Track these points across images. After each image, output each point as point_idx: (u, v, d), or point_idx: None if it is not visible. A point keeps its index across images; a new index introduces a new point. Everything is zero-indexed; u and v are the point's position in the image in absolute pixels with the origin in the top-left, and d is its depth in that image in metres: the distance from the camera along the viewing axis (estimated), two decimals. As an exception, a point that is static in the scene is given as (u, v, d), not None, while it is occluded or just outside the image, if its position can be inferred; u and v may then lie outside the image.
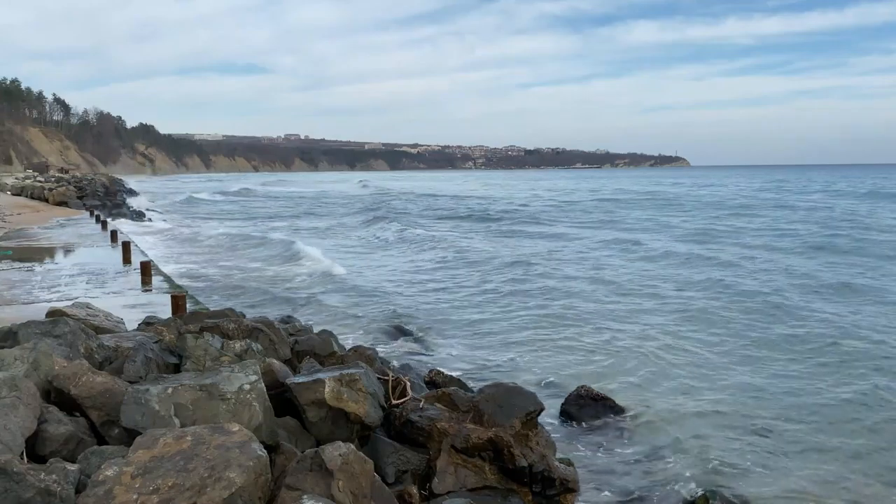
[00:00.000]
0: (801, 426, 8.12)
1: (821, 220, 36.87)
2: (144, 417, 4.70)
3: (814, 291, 16.45)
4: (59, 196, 46.94)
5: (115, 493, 3.78)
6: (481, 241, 29.87)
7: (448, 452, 5.75)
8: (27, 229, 26.78)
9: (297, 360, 7.28)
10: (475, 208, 53.11)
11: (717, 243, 27.48)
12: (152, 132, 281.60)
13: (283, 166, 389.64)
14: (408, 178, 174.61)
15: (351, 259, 23.84)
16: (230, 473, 3.92)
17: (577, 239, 30.44)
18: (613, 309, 14.79)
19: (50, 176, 78.93)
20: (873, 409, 8.60)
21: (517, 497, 5.70)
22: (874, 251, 23.80)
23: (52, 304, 10.08)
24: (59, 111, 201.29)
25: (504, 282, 18.54)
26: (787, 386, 9.51)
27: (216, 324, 7.16)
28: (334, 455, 4.38)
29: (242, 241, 29.08)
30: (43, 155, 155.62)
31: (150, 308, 11.19)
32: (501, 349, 11.68)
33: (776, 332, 12.43)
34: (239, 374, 5.12)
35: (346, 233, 35.68)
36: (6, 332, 6.53)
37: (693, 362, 10.77)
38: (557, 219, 42.98)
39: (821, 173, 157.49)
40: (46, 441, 4.63)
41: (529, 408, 6.07)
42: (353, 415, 5.73)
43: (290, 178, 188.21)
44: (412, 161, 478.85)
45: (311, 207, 59.10)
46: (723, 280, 17.94)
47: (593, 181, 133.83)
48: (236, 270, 20.35)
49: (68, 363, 5.43)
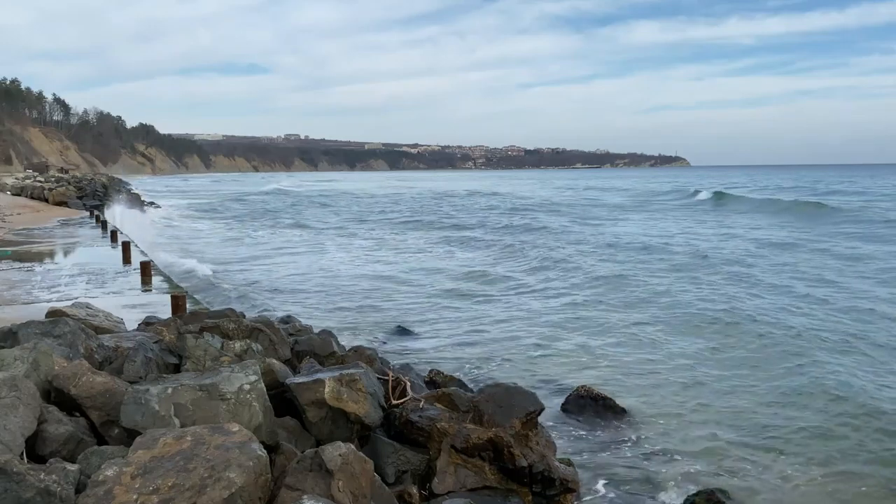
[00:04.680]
0: (801, 427, 8.11)
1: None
2: (144, 417, 4.69)
3: (814, 289, 16.45)
4: (59, 196, 46.93)
5: (114, 493, 3.78)
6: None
7: (448, 452, 5.75)
8: (27, 229, 26.78)
9: (297, 361, 7.27)
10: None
11: (724, 247, 27.46)
12: (152, 132, 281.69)
13: (283, 166, 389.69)
14: (459, 179, 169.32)
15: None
16: (230, 473, 3.92)
17: (578, 237, 30.46)
18: (613, 309, 14.79)
19: (50, 176, 78.87)
20: (877, 410, 8.60)
21: (517, 497, 5.70)
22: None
23: (52, 304, 10.08)
24: (59, 111, 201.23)
25: (505, 281, 18.55)
26: (788, 387, 9.50)
27: (216, 324, 7.16)
28: (334, 455, 4.37)
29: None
30: (43, 155, 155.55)
31: (150, 308, 11.20)
32: (502, 349, 11.68)
33: (777, 331, 12.41)
34: (239, 374, 5.11)
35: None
36: (6, 332, 6.53)
37: (693, 363, 10.77)
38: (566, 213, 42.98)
39: (824, 173, 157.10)
40: (46, 441, 4.62)
41: (529, 408, 6.06)
42: (353, 415, 5.72)
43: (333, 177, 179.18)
44: (412, 161, 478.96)
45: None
46: (724, 280, 17.95)
47: (600, 180, 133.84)
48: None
49: (68, 363, 5.42)
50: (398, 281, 19.02)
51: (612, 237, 30.41)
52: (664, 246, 26.00)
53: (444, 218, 44.72)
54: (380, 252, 26.58)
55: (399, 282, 18.85)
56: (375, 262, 23.28)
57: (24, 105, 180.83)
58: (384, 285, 18.21)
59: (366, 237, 33.07)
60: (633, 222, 40.27)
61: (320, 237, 33.32)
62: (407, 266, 22.21)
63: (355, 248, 28.33)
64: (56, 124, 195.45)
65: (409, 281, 18.99)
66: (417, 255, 25.27)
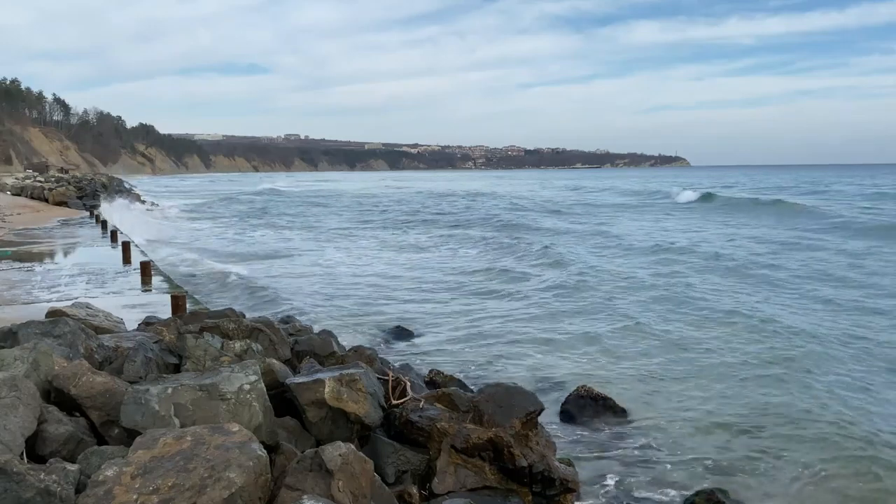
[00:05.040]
0: (801, 427, 8.11)
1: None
2: (144, 417, 4.69)
3: (817, 288, 16.45)
4: (59, 196, 46.93)
5: (114, 493, 3.78)
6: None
7: (448, 452, 5.74)
8: (27, 229, 26.77)
9: (297, 361, 7.27)
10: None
11: (732, 246, 27.46)
12: (152, 132, 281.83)
13: (283, 166, 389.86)
14: (459, 179, 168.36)
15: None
16: (230, 473, 3.92)
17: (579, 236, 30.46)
18: (614, 309, 14.78)
19: (50, 176, 78.88)
20: (879, 413, 8.60)
21: (517, 497, 5.70)
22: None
23: (52, 304, 10.08)
24: (59, 111, 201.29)
25: (505, 281, 18.55)
26: (789, 387, 9.50)
27: (216, 324, 7.16)
28: (334, 455, 4.37)
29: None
30: (43, 155, 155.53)
31: (150, 308, 11.20)
32: (502, 348, 11.67)
33: (776, 332, 12.41)
34: (239, 374, 5.11)
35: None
36: (6, 332, 6.53)
37: (694, 363, 10.76)
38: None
39: (826, 174, 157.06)
40: (46, 441, 4.62)
41: (529, 408, 6.06)
42: (353, 415, 5.72)
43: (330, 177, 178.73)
44: (412, 161, 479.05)
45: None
46: (725, 280, 17.95)
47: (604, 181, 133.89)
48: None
49: (68, 363, 5.42)
50: (398, 280, 19.01)
51: (611, 236, 30.43)
52: (670, 245, 26.01)
53: (444, 217, 44.76)
54: (379, 252, 26.58)
55: (399, 281, 18.85)
56: (375, 262, 23.28)
57: (24, 105, 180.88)
58: (384, 285, 18.21)
59: (365, 236, 33.08)
60: (629, 221, 40.30)
61: (319, 237, 33.33)
62: (406, 266, 22.22)
63: (354, 247, 28.33)
64: (56, 124, 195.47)
65: (409, 280, 18.99)
66: (417, 255, 25.27)
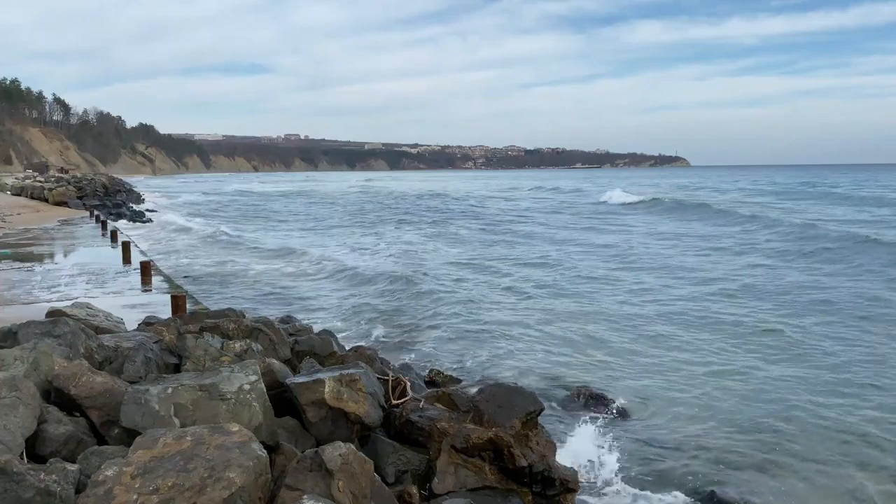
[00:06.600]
0: (801, 428, 8.11)
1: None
2: (144, 417, 4.69)
3: (818, 287, 16.45)
4: (59, 196, 46.90)
5: (114, 493, 3.78)
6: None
7: (448, 452, 5.74)
8: (27, 229, 26.78)
9: (297, 360, 7.27)
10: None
11: (727, 245, 27.47)
12: (152, 132, 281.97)
13: (282, 166, 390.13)
14: (453, 179, 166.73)
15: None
16: (230, 474, 3.92)
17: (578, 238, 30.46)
18: (614, 309, 14.79)
19: (50, 176, 78.87)
20: (880, 414, 8.60)
21: (517, 497, 5.70)
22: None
23: (52, 304, 10.08)
24: (59, 111, 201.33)
25: (504, 282, 18.54)
26: (789, 387, 9.50)
27: (216, 324, 7.15)
28: (334, 455, 4.37)
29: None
30: (43, 155, 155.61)
31: (150, 308, 11.19)
32: (502, 348, 11.67)
33: (777, 332, 12.42)
34: (239, 374, 5.11)
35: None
36: (6, 332, 6.53)
37: (694, 363, 10.77)
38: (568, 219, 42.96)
39: (820, 173, 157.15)
40: (46, 441, 4.62)
41: (529, 408, 6.06)
42: (353, 415, 5.72)
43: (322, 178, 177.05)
44: (412, 161, 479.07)
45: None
46: (725, 280, 17.94)
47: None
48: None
49: (68, 363, 5.42)
50: (398, 280, 19.00)
51: (608, 237, 30.43)
52: (672, 244, 26.01)
53: (441, 216, 44.76)
54: (379, 251, 26.57)
55: (399, 281, 18.83)
56: (374, 261, 23.27)
57: (24, 105, 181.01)
58: (384, 284, 18.21)
59: (364, 235, 33.07)
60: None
61: (318, 236, 33.32)
62: (406, 265, 22.21)
63: (353, 247, 28.32)
64: (56, 124, 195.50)
65: (408, 280, 18.98)
66: (416, 255, 25.26)
